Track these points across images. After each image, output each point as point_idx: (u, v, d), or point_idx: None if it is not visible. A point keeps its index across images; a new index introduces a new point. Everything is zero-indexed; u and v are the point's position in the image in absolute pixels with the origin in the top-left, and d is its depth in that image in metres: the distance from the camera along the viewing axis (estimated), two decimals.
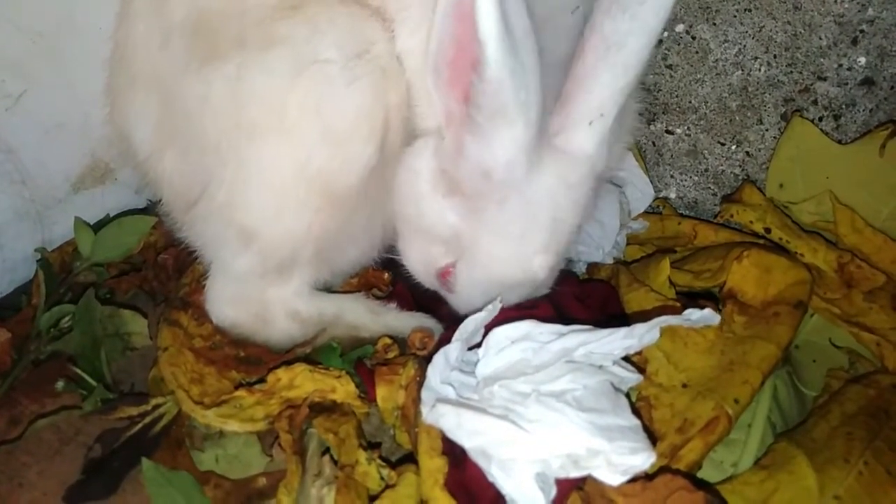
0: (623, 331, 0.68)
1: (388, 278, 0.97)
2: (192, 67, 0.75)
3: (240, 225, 0.79)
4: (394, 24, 0.76)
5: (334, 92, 0.73)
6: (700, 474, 0.71)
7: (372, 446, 0.75)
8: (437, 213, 0.77)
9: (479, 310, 0.74)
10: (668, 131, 1.09)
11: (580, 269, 1.02)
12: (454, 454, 0.68)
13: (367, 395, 0.79)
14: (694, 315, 0.68)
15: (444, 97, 0.70)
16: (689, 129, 1.08)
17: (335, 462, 0.72)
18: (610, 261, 1.01)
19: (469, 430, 0.63)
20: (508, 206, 0.73)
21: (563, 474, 0.61)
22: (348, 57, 0.73)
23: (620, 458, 0.58)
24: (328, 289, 0.93)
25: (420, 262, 0.84)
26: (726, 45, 1.00)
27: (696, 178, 1.11)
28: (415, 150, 0.79)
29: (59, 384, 0.82)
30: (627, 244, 1.05)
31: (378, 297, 0.94)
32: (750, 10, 0.97)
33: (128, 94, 0.84)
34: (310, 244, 0.80)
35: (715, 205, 1.11)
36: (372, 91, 0.74)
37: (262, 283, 0.85)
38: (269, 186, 0.76)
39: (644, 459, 0.58)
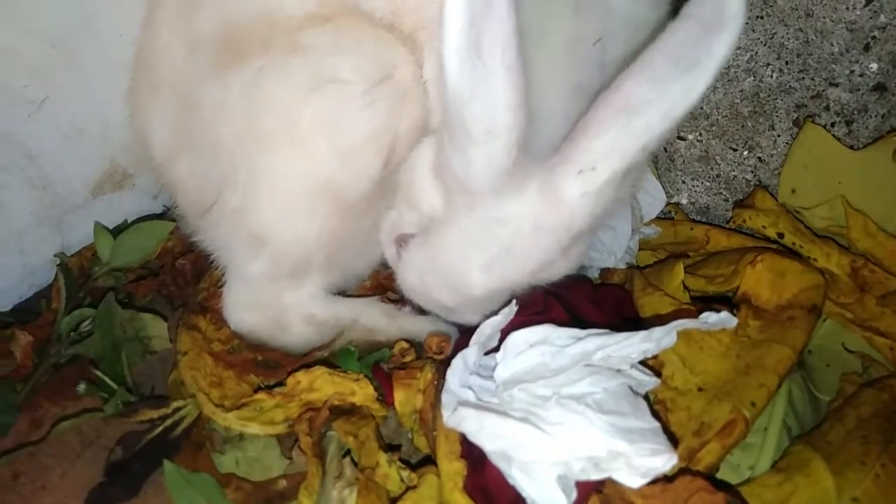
0: (641, 334, 0.68)
1: None
2: (214, 74, 0.76)
3: (251, 230, 0.80)
4: (423, 52, 0.77)
5: (349, 112, 0.74)
6: (717, 477, 0.71)
7: (391, 449, 0.76)
8: (425, 187, 0.78)
9: (495, 313, 0.75)
10: (679, 137, 1.10)
11: (593, 274, 1.02)
12: (472, 457, 0.69)
13: (384, 398, 0.80)
14: (711, 318, 0.68)
15: None
16: (700, 134, 1.09)
17: (355, 464, 0.73)
18: (623, 266, 1.01)
19: (491, 433, 0.64)
20: (474, 214, 0.72)
21: (583, 477, 0.62)
22: (369, 81, 0.74)
23: (641, 459, 0.59)
24: (343, 293, 0.94)
25: (389, 222, 0.85)
26: (738, 51, 1.01)
27: (708, 184, 1.12)
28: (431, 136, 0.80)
29: (81, 387, 0.83)
30: (639, 250, 1.05)
31: (392, 301, 0.95)
32: (762, 17, 0.98)
33: (148, 99, 0.86)
34: (320, 249, 0.82)
35: (727, 210, 1.11)
36: (385, 115, 0.75)
37: (275, 288, 0.86)
38: (280, 194, 0.78)
39: (665, 461, 0.59)
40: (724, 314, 0.69)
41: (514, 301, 0.76)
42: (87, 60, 0.91)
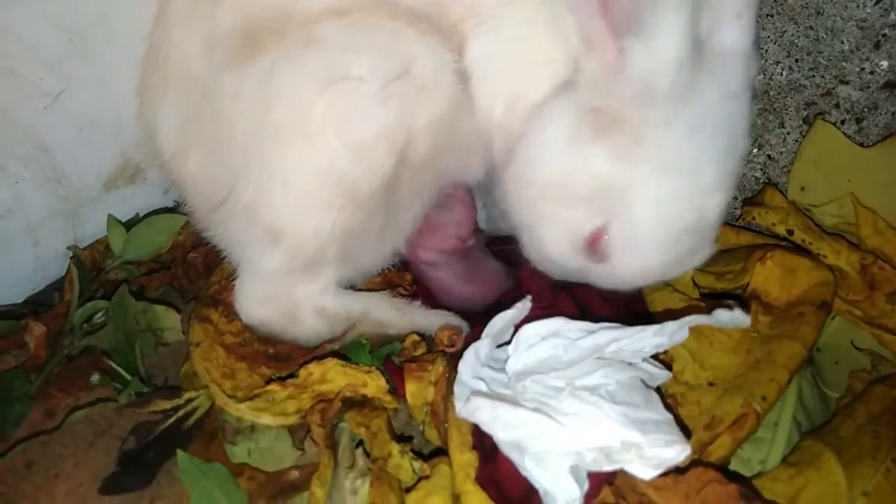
0: (653, 328, 0.69)
1: (409, 278, 0.99)
2: (230, 67, 0.76)
3: (266, 224, 0.80)
4: (465, 40, 0.77)
5: (361, 109, 0.74)
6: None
7: (402, 440, 0.76)
8: (580, 165, 0.70)
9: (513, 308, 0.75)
10: None
11: None
12: (484, 449, 0.69)
13: (395, 391, 0.80)
14: (724, 316, 0.69)
15: (583, 14, 0.64)
16: None
17: (367, 455, 0.73)
18: None
19: (504, 423, 0.64)
20: (675, 131, 0.65)
21: (595, 468, 0.62)
22: (383, 79, 0.74)
23: (655, 450, 0.59)
24: (352, 288, 0.94)
25: (559, 239, 0.75)
26: None
27: None
28: (543, 114, 0.73)
29: (95, 377, 0.84)
30: None
31: (403, 296, 0.96)
32: (772, 16, 0.99)
33: (158, 93, 0.86)
34: (334, 242, 0.82)
35: (735, 208, 1.11)
36: (399, 112, 0.75)
37: (289, 281, 0.87)
38: (294, 188, 0.78)
39: (678, 452, 0.59)
40: (737, 312, 0.69)
41: (528, 297, 0.76)
42: (103, 55, 0.91)
